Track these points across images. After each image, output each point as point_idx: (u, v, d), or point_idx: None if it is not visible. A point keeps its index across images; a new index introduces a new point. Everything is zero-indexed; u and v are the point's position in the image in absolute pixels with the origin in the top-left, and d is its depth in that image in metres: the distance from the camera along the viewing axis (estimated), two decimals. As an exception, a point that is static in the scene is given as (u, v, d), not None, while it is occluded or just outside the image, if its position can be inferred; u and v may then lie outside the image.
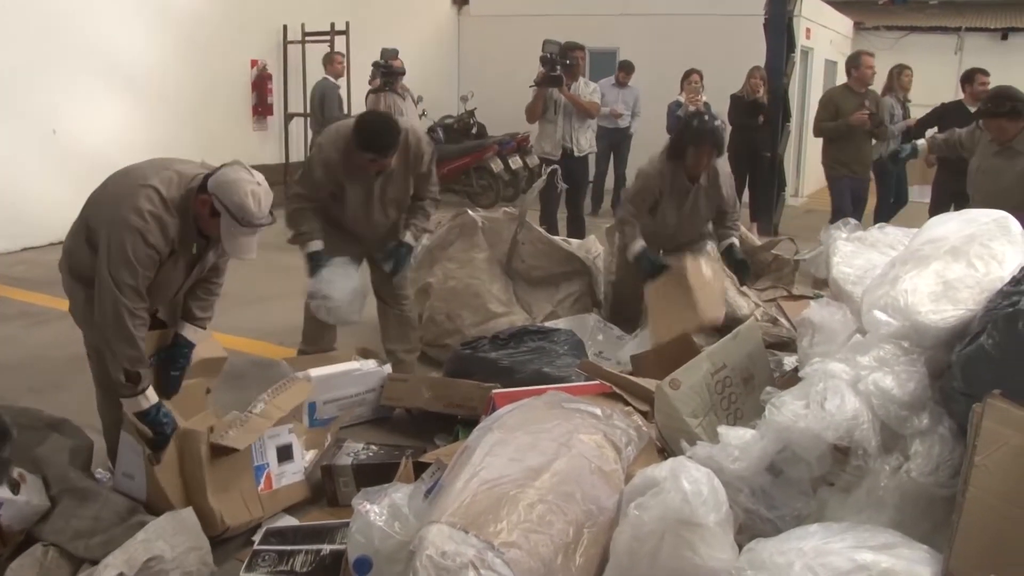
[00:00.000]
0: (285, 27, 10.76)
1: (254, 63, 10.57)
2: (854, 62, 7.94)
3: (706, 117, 4.84)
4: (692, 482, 2.21)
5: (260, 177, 3.13)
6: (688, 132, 4.78)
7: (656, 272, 4.78)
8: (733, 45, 11.06)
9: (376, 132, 4.14)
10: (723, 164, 5.00)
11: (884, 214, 7.79)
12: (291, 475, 3.47)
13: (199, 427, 3.22)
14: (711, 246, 5.14)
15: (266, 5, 10.46)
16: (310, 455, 3.61)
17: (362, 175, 4.27)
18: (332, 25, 10.52)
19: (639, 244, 4.84)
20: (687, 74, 9.03)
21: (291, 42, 10.83)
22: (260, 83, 10.62)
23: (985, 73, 7.41)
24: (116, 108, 8.85)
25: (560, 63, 7.61)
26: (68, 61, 8.35)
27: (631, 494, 2.34)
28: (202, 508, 3.10)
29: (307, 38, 10.78)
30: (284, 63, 10.87)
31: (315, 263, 4.26)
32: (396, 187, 4.39)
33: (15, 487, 2.96)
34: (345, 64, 9.75)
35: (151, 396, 3.14)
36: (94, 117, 8.63)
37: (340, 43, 10.55)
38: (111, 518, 3.00)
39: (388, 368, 4.45)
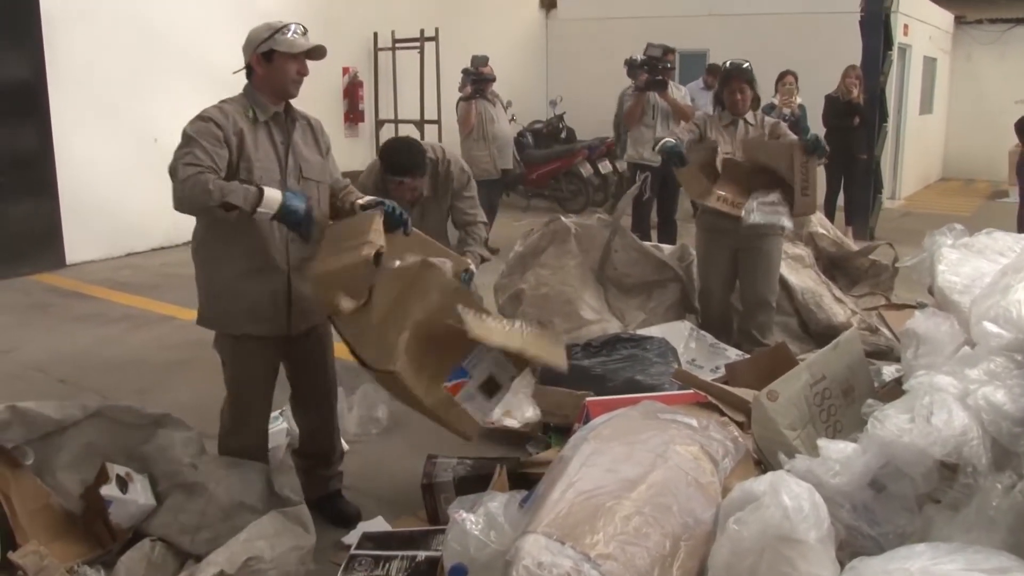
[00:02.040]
0: (376, 34, 10.94)
1: (346, 70, 10.77)
2: None
3: (736, 60, 5.16)
4: (793, 497, 2.16)
5: None
6: (720, 76, 5.23)
7: (678, 161, 4.90)
8: (828, 44, 10.84)
9: (400, 154, 4.30)
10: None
11: None
12: (476, 409, 2.99)
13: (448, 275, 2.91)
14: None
15: (357, 13, 10.63)
16: (499, 411, 3.30)
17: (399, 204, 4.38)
18: (422, 32, 10.66)
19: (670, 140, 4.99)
20: (781, 76, 8.80)
21: (382, 49, 11.01)
22: (352, 90, 10.83)
23: None
24: (215, 116, 9.09)
25: (661, 67, 7.55)
26: (167, 71, 8.63)
27: (729, 508, 2.29)
28: (386, 337, 2.79)
29: (397, 45, 10.94)
30: (375, 70, 11.05)
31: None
32: (434, 216, 4.53)
33: (123, 486, 3.07)
34: None
35: (264, 200, 3.12)
36: (194, 126, 8.88)
37: (429, 49, 10.68)
38: (216, 513, 3.07)
39: None
